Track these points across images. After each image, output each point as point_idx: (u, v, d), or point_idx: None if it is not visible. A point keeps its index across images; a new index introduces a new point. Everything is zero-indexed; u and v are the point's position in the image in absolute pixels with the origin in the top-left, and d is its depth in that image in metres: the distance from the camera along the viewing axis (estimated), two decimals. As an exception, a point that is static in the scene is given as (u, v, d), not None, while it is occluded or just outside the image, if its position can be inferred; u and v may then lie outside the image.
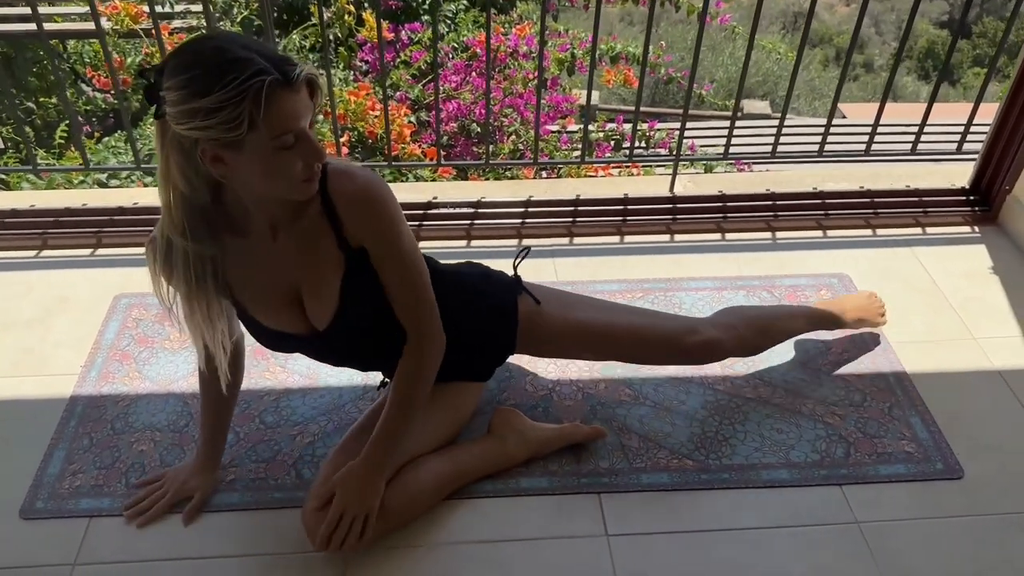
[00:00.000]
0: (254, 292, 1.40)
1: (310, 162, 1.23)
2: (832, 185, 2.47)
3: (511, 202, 2.36)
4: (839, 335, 1.97)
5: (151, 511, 1.56)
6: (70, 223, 2.26)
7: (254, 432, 1.72)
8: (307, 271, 1.39)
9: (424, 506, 1.55)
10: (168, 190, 1.24)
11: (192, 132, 1.14)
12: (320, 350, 1.53)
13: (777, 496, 1.62)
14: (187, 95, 1.12)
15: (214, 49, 1.14)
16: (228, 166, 1.20)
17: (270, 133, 1.16)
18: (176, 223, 1.26)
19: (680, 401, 1.81)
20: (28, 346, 1.94)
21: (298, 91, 1.17)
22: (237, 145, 1.16)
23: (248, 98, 1.12)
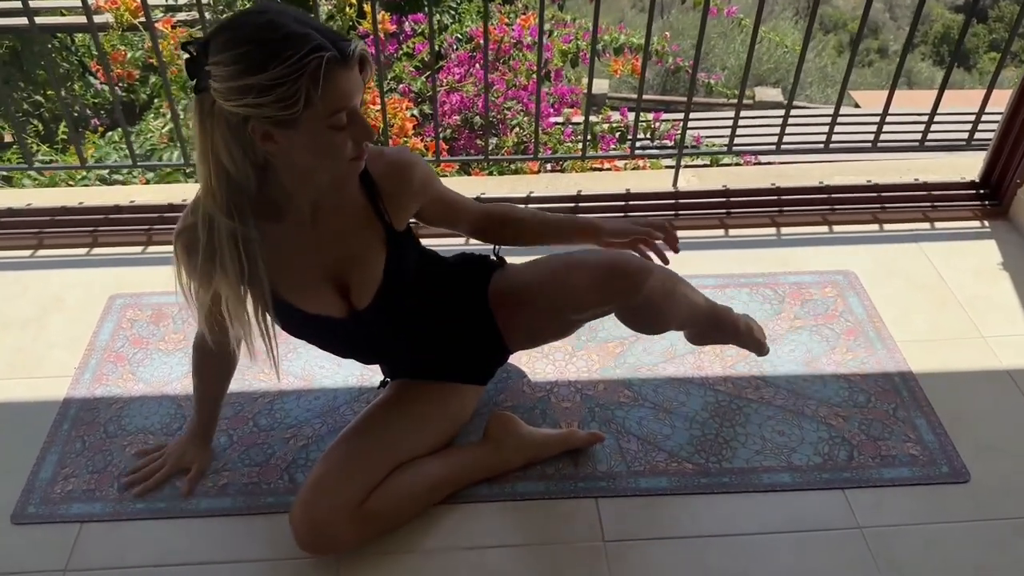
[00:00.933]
0: (292, 277, 1.37)
1: (360, 140, 1.20)
2: (839, 179, 2.42)
3: (510, 198, 2.33)
4: (834, 335, 1.93)
5: (149, 481, 1.59)
6: (66, 222, 2.24)
7: (247, 435, 1.70)
8: (351, 251, 1.38)
9: (417, 510, 1.53)
10: (210, 169, 1.19)
11: (243, 109, 1.11)
12: (352, 333, 1.48)
13: (778, 500, 1.58)
14: (240, 71, 1.08)
15: (268, 24, 1.10)
16: (279, 144, 1.17)
17: (326, 111, 1.13)
18: (220, 203, 1.21)
19: (680, 402, 1.78)
20: (22, 347, 1.92)
21: (352, 68, 1.14)
22: (291, 123, 1.13)
23: (306, 75, 1.08)
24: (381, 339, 1.54)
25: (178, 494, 1.58)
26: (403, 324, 1.51)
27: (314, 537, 1.42)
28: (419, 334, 1.55)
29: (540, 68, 2.34)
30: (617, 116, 3.64)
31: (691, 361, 1.87)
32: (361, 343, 1.56)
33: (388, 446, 1.50)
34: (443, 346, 1.59)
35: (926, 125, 2.38)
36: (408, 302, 1.47)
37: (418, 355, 1.60)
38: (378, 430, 1.52)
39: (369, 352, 1.63)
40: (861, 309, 2.01)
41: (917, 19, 2.22)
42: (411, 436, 1.53)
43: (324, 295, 1.40)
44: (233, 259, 1.25)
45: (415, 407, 1.57)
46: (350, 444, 1.49)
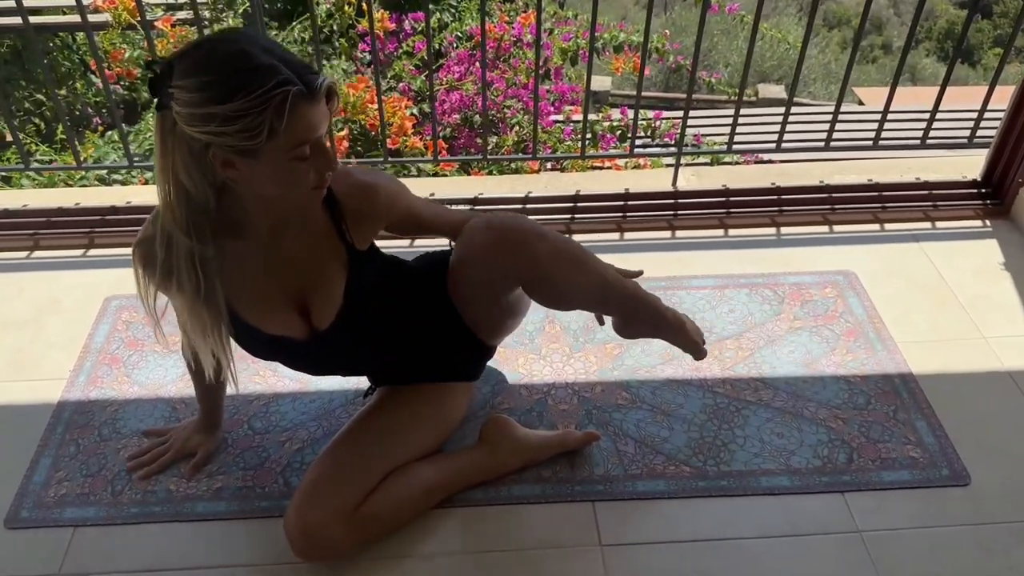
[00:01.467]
0: (252, 297, 1.36)
1: (323, 171, 1.20)
2: (839, 178, 2.40)
3: (509, 198, 2.32)
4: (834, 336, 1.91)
5: (153, 465, 1.61)
6: (62, 223, 2.24)
7: (242, 438, 1.69)
8: (312, 271, 1.37)
9: (413, 514, 1.52)
10: (168, 186, 1.18)
11: (205, 136, 1.10)
12: (314, 353, 1.48)
13: (777, 504, 1.57)
14: (204, 99, 1.07)
15: (236, 53, 1.09)
16: (239, 171, 1.16)
17: (289, 143, 1.13)
18: (179, 220, 1.20)
19: (678, 404, 1.76)
20: (17, 349, 1.92)
21: (319, 102, 1.13)
22: (253, 153, 1.12)
23: (271, 108, 1.08)
24: (345, 356, 1.52)
25: (182, 475, 1.61)
26: (366, 339, 1.47)
27: (310, 544, 1.41)
28: (384, 345, 1.51)
29: (538, 67, 2.32)
30: (617, 115, 3.62)
31: (689, 363, 1.85)
32: (325, 361, 1.53)
33: (379, 451, 1.49)
34: (413, 351, 1.56)
35: (928, 123, 2.36)
36: (370, 318, 1.44)
37: (388, 364, 1.58)
38: (369, 435, 1.51)
39: (336, 368, 1.61)
40: (861, 310, 2.00)
41: (919, 15, 2.20)
42: (402, 439, 1.51)
43: (284, 316, 1.39)
44: (190, 278, 1.25)
45: (404, 410, 1.56)
46: (341, 450, 1.48)
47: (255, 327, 1.38)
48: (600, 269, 1.49)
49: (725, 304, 2.02)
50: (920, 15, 2.19)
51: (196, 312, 1.29)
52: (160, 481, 1.61)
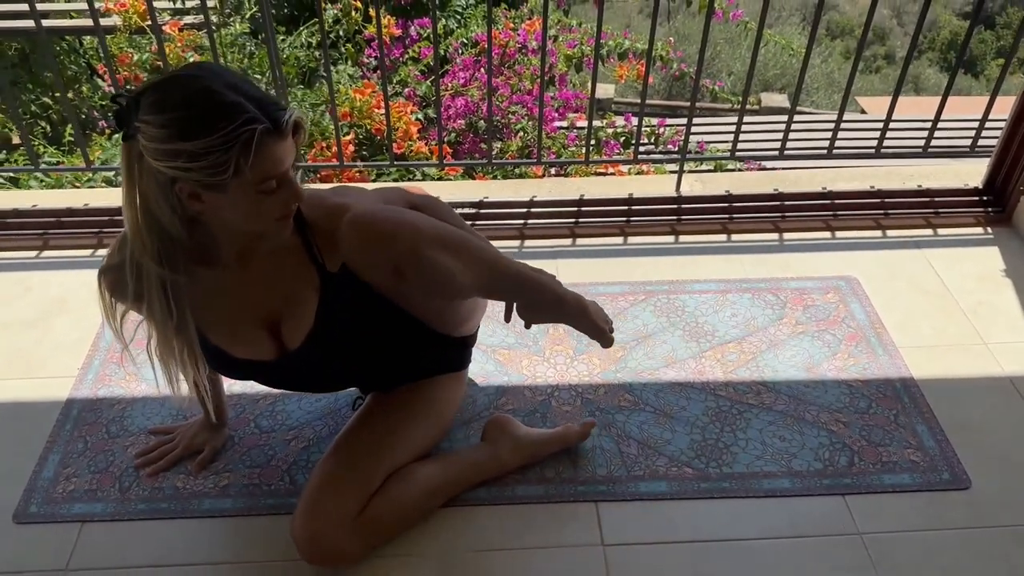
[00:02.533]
0: (222, 322, 1.39)
1: (289, 203, 1.23)
2: (842, 185, 2.42)
3: (514, 202, 2.34)
4: (836, 340, 1.93)
5: (161, 462, 1.63)
6: (72, 223, 2.26)
7: (248, 436, 1.71)
8: (283, 294, 1.38)
9: (418, 515, 1.53)
10: (136, 214, 1.19)
11: (171, 171, 1.12)
12: (285, 371, 1.48)
13: (778, 506, 1.58)
14: (170, 135, 1.09)
15: (201, 91, 1.11)
16: (206, 204, 1.18)
17: (255, 179, 1.15)
18: (149, 249, 1.22)
19: (681, 407, 1.78)
20: (26, 347, 1.93)
21: (285, 137, 1.16)
22: (220, 188, 1.15)
23: (237, 146, 1.10)
24: (316, 372, 1.52)
25: (189, 472, 1.63)
26: (336, 355, 1.46)
27: (317, 550, 1.42)
28: (354, 358, 1.50)
29: (543, 73, 2.35)
30: (621, 122, 3.64)
31: (692, 366, 1.87)
32: (297, 378, 1.54)
33: (377, 454, 1.49)
34: (383, 358, 1.54)
35: (929, 131, 2.38)
36: (339, 336, 1.43)
37: (362, 375, 1.58)
38: (364, 439, 1.51)
39: (310, 384, 1.59)
40: (863, 315, 2.01)
41: (921, 25, 2.22)
42: (398, 440, 1.52)
43: (253, 340, 1.40)
44: (161, 305, 1.27)
45: (397, 410, 1.56)
46: (338, 457, 1.48)
47: (223, 350, 1.40)
48: (483, 253, 1.41)
49: (728, 308, 2.03)
50: (922, 25, 2.21)
51: (166, 339, 1.31)
52: (167, 478, 1.62)
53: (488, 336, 1.95)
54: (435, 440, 1.61)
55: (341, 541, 1.41)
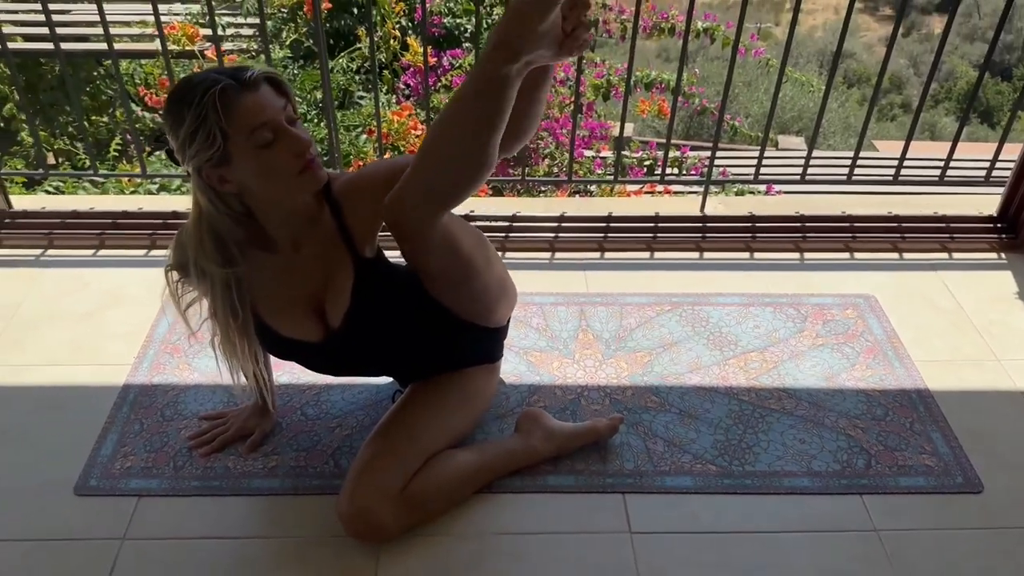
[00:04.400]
0: (276, 304, 1.51)
1: (296, 151, 1.32)
2: (861, 210, 2.52)
3: (545, 216, 2.44)
4: (854, 353, 2.01)
5: (214, 443, 1.73)
6: (127, 225, 2.38)
7: (295, 423, 1.80)
8: (325, 276, 1.50)
9: (455, 497, 1.62)
10: (195, 225, 1.38)
11: (192, 162, 1.29)
12: (329, 354, 1.59)
13: (798, 502, 1.66)
14: (172, 132, 1.28)
15: (179, 84, 1.29)
16: (232, 182, 1.33)
17: (241, 135, 1.28)
18: (210, 253, 1.38)
19: (705, 409, 1.86)
20: (84, 337, 2.04)
21: (255, 90, 1.28)
22: (225, 159, 1.29)
23: (209, 111, 1.24)
24: (355, 355, 1.62)
25: (239, 454, 1.73)
26: (374, 339, 1.57)
27: (361, 525, 1.51)
28: (392, 344, 1.61)
29: (577, 101, 2.47)
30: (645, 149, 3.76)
31: (716, 372, 1.96)
32: (337, 360, 1.65)
33: (416, 435, 1.59)
34: (419, 347, 1.65)
35: (945, 161, 2.48)
36: (377, 319, 1.54)
37: (399, 363, 1.69)
38: (405, 423, 1.61)
39: (348, 367, 1.70)
40: (880, 330, 2.10)
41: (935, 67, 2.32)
42: (435, 423, 1.62)
43: (302, 321, 1.52)
44: (224, 305, 1.42)
45: (433, 398, 1.66)
46: (381, 439, 1.58)
47: (274, 329, 1.52)
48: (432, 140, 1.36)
49: (751, 320, 2.12)
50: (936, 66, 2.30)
51: (229, 337, 1.47)
52: (219, 459, 1.72)
53: (521, 339, 2.05)
54: (469, 428, 1.70)
55: (383, 515, 1.50)
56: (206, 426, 1.78)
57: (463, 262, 1.53)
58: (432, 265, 1.50)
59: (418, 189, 1.33)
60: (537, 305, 2.16)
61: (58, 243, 2.35)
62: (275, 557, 1.54)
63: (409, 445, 1.57)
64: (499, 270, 1.68)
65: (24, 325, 2.08)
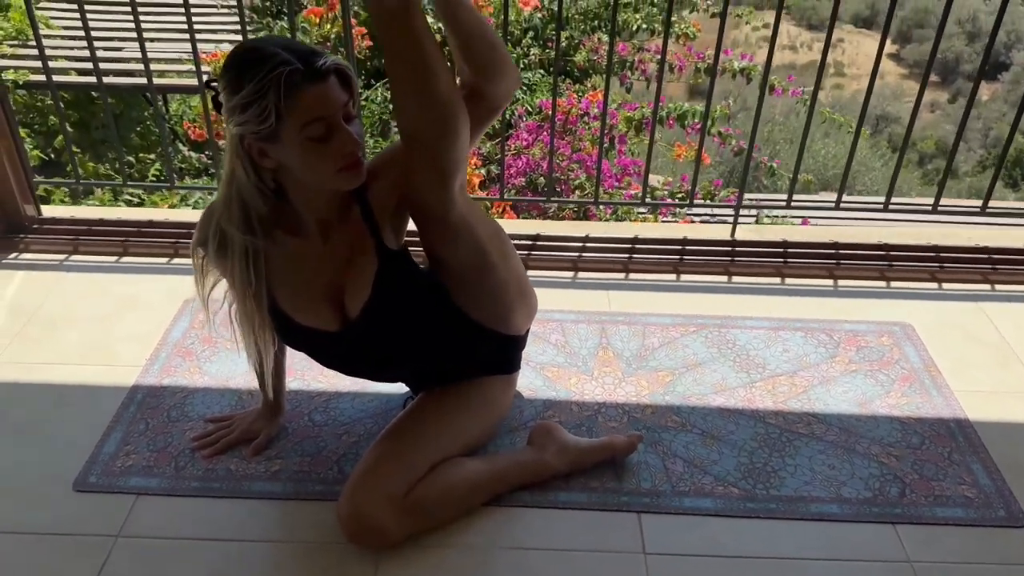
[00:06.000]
0: (294, 289, 1.47)
1: (344, 152, 1.30)
2: (898, 239, 2.44)
3: (568, 236, 2.40)
4: (889, 380, 1.92)
5: (218, 444, 1.69)
6: (151, 233, 2.38)
7: (302, 428, 1.75)
8: (350, 268, 1.46)
9: (460, 506, 1.55)
10: (230, 188, 1.35)
11: (237, 128, 1.26)
12: (344, 346, 1.53)
13: (826, 529, 1.56)
14: (228, 94, 1.26)
15: (248, 49, 1.27)
16: (272, 159, 1.31)
17: (296, 123, 1.25)
18: (234, 218, 1.36)
19: (729, 431, 1.77)
20: (98, 339, 2.03)
21: (323, 81, 1.25)
22: (273, 137, 1.27)
23: (271, 89, 1.21)
24: (370, 351, 1.57)
25: (243, 456, 1.68)
26: (390, 334, 1.53)
27: (359, 527, 1.45)
28: (408, 344, 1.56)
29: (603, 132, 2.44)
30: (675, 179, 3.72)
31: (741, 395, 1.88)
32: (351, 355, 1.59)
33: (423, 440, 1.53)
34: (434, 346, 1.59)
35: (987, 192, 2.39)
36: (395, 314, 1.50)
37: (413, 364, 1.63)
38: (413, 426, 1.56)
39: (362, 363, 1.64)
40: (917, 358, 2.00)
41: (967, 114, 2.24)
42: (444, 429, 1.56)
43: (320, 310, 1.48)
44: (242, 271, 1.38)
45: (445, 404, 1.61)
46: (388, 441, 1.53)
47: (290, 316, 1.48)
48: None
49: (780, 344, 2.04)
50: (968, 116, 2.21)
51: (245, 306, 1.43)
52: (221, 460, 1.67)
53: (538, 354, 1.98)
54: (480, 438, 1.64)
55: (383, 519, 1.44)
56: (211, 428, 1.74)
57: (480, 251, 1.50)
58: (451, 256, 1.49)
59: (417, 162, 1.36)
60: (557, 322, 2.10)
61: (83, 249, 2.36)
62: (270, 561, 1.49)
63: (415, 450, 1.51)
64: (517, 269, 1.64)
65: (43, 325, 2.07)
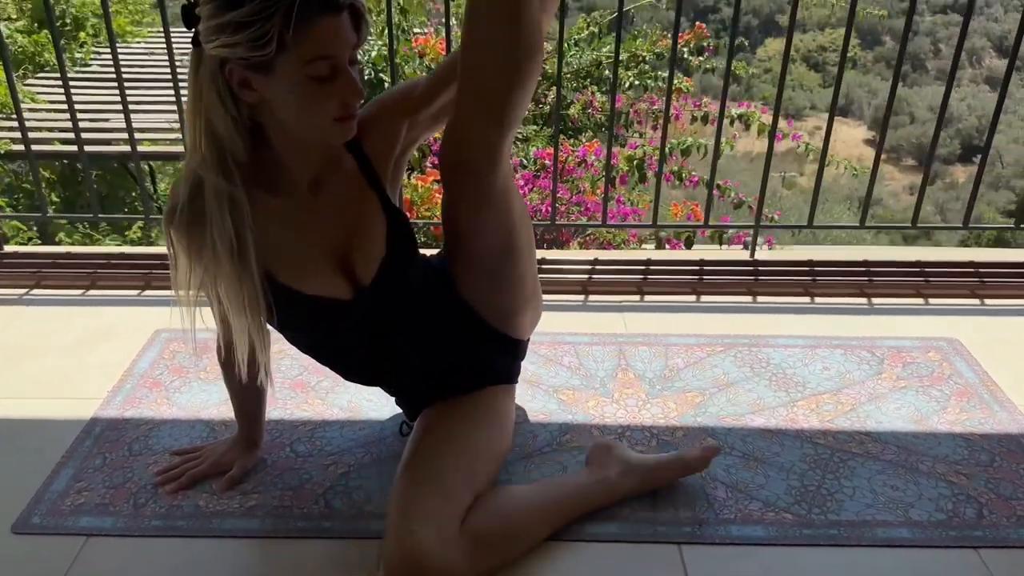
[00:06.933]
0: (291, 256, 1.25)
1: (346, 100, 1.12)
2: (933, 256, 2.26)
3: (577, 259, 2.22)
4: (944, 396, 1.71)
5: (183, 478, 1.44)
6: (121, 265, 2.19)
7: (283, 460, 1.53)
8: (352, 225, 1.27)
9: (523, 539, 1.31)
10: (198, 126, 1.13)
11: (221, 50, 1.07)
12: (352, 318, 1.31)
13: (899, 557, 1.33)
14: (218, 7, 1.05)
15: None
16: (256, 92, 1.11)
17: (301, 57, 1.07)
18: (208, 160, 1.13)
19: (773, 453, 1.55)
20: (60, 371, 1.81)
21: (337, 15, 1.08)
22: (267, 67, 1.08)
23: (278, 14, 1.03)
24: (385, 323, 1.34)
25: (213, 491, 1.45)
26: (403, 310, 1.34)
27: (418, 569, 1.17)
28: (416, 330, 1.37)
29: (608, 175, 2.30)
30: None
31: (783, 414, 1.66)
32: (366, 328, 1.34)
33: (453, 459, 1.31)
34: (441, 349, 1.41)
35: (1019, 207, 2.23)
36: (408, 283, 1.32)
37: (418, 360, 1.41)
38: (436, 448, 1.33)
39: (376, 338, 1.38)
40: (971, 373, 1.79)
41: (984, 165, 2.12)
42: (468, 444, 1.35)
43: (326, 273, 1.27)
44: (225, 226, 1.14)
45: (458, 419, 1.39)
46: (415, 470, 1.29)
47: (295, 289, 1.25)
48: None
49: (818, 362, 1.83)
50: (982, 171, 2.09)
51: (233, 279, 1.18)
52: (189, 496, 1.44)
53: (551, 377, 1.77)
54: (501, 452, 1.42)
55: (449, 558, 1.18)
56: (176, 460, 1.50)
57: (510, 230, 1.31)
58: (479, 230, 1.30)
59: (473, 109, 1.19)
60: (569, 344, 1.90)
61: (46, 283, 2.15)
62: (241, 608, 1.24)
63: (448, 469, 1.29)
64: (534, 264, 1.46)
65: (-5, 361, 1.85)
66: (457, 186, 1.27)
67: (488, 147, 1.21)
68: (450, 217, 1.33)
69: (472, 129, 1.20)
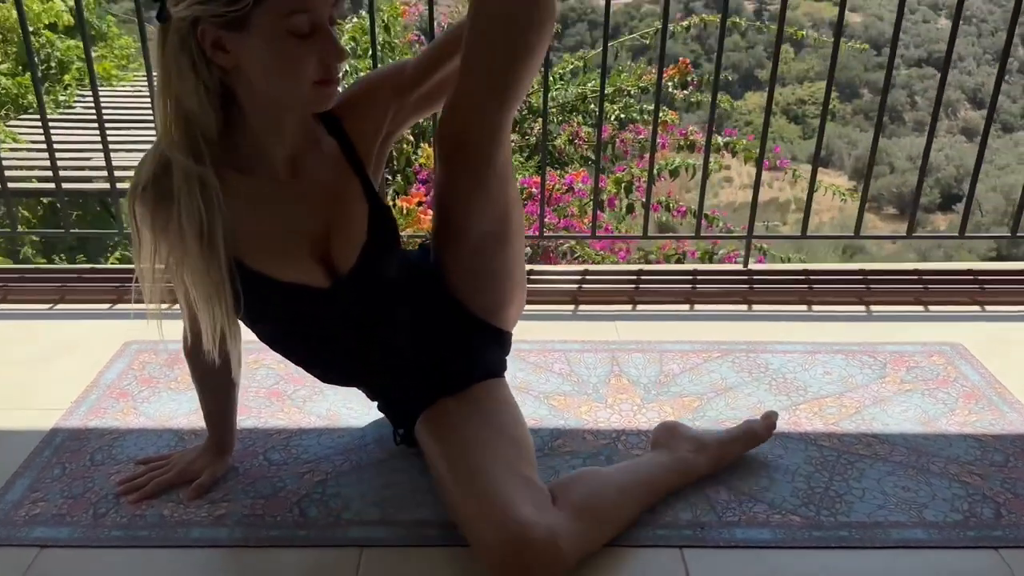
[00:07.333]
0: (264, 241, 1.17)
1: (327, 61, 1.06)
2: (932, 265, 2.21)
3: (566, 271, 2.15)
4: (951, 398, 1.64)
5: (148, 487, 1.34)
6: (91, 279, 2.10)
7: (255, 468, 1.43)
8: (331, 209, 1.19)
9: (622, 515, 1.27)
10: (166, 104, 1.06)
11: (191, 10, 1.00)
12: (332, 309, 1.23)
13: (916, 558, 1.24)
14: None
15: None
16: (231, 54, 1.04)
17: (279, 9, 1.01)
18: (177, 141, 1.07)
19: (777, 455, 1.47)
20: (22, 383, 1.71)
21: None
22: (241, 24, 1.01)
23: None
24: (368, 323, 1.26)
25: (180, 500, 1.34)
26: (383, 302, 1.26)
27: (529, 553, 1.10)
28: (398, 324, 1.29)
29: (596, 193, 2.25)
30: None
31: (785, 418, 1.58)
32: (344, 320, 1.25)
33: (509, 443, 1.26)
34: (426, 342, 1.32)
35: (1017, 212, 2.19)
36: (388, 274, 1.25)
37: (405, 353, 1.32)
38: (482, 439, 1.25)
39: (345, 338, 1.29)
40: (977, 376, 1.73)
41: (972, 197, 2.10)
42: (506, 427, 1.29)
43: (302, 260, 1.19)
44: (195, 208, 1.07)
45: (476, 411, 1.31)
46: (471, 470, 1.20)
47: (268, 276, 1.17)
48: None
49: (819, 367, 1.76)
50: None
51: (200, 265, 1.10)
52: (153, 505, 1.33)
53: (541, 383, 1.69)
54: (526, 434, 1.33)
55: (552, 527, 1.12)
56: (141, 469, 1.40)
57: (504, 216, 1.25)
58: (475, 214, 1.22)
59: (477, 82, 1.13)
60: (560, 352, 1.82)
61: (12, 298, 2.06)
62: (206, 620, 1.13)
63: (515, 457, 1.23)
64: (523, 254, 1.39)
65: (-48, 374, 1.75)
66: (455, 172, 1.20)
67: (491, 123, 1.15)
68: (443, 197, 1.26)
69: (474, 108, 1.14)
